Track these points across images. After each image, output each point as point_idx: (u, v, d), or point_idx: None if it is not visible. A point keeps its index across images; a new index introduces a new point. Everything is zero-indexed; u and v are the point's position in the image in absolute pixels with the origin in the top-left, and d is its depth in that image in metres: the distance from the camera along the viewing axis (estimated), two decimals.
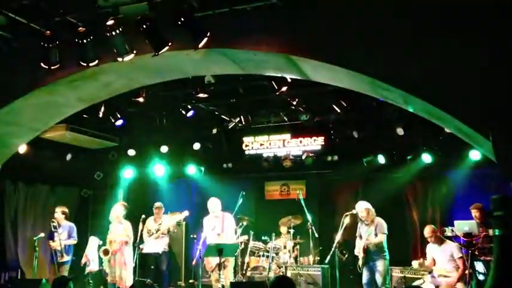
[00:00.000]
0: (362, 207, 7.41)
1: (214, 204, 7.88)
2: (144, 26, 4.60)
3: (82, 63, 4.99)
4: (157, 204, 9.02)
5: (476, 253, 6.84)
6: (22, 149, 8.12)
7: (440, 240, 7.11)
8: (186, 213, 8.65)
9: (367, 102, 7.97)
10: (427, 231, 7.18)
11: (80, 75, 5.42)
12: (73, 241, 8.30)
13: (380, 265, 7.14)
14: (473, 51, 4.18)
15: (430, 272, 7.06)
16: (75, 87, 5.72)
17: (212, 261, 7.55)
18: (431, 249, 7.20)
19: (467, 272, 6.63)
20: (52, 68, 5.06)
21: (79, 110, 6.48)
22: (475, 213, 7.20)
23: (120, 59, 4.85)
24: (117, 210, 8.16)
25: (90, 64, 4.99)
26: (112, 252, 7.79)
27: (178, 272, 10.20)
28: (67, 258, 8.18)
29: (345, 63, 4.57)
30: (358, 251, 7.36)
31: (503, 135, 3.91)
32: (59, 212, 8.35)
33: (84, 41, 4.84)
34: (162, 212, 8.95)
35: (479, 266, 6.61)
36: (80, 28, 4.88)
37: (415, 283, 7.12)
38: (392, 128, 8.81)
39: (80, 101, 6.17)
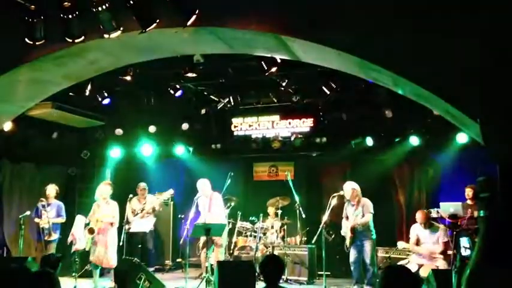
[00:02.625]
0: (349, 187, 7.49)
1: (203, 184, 7.91)
2: (131, 2, 4.50)
3: (68, 40, 4.88)
4: (142, 185, 9.03)
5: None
6: (7, 126, 8.02)
7: (430, 225, 7.20)
8: (171, 191, 8.63)
9: (357, 84, 7.97)
10: (421, 216, 7.23)
11: (66, 51, 5.30)
12: (61, 219, 8.27)
13: (367, 245, 7.25)
14: (463, 32, 4.16)
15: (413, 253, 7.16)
16: (61, 64, 5.60)
17: (204, 239, 7.62)
18: (417, 229, 7.28)
19: (451, 252, 6.74)
20: (37, 43, 4.95)
21: (65, 87, 6.37)
22: (468, 192, 7.29)
23: (106, 36, 4.75)
24: (104, 190, 8.03)
25: (76, 40, 4.88)
26: (97, 231, 7.74)
27: (166, 251, 10.24)
28: (55, 236, 8.17)
29: (335, 44, 4.53)
30: (345, 232, 7.45)
31: (491, 117, 3.92)
32: (53, 190, 8.29)
33: (70, 16, 4.72)
34: (146, 193, 8.95)
35: (464, 241, 6.72)
36: (66, 3, 4.76)
37: (400, 263, 7.23)
38: (381, 110, 8.85)
39: (66, 78, 6.05)
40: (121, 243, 7.91)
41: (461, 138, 8.26)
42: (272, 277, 3.83)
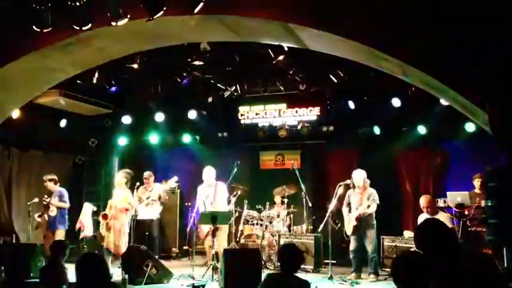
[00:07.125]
0: (360, 176, 7.47)
1: (208, 173, 7.91)
2: None
3: (75, 27, 4.88)
4: (146, 173, 9.05)
5: (468, 224, 6.94)
6: (15, 114, 8.05)
7: (434, 211, 7.19)
8: (175, 178, 8.63)
9: (364, 72, 7.91)
10: (424, 201, 7.22)
11: (74, 39, 5.31)
12: (63, 204, 8.28)
13: (370, 233, 7.28)
14: (470, 22, 4.12)
15: None
16: (69, 52, 5.61)
17: (204, 228, 7.65)
18: (423, 218, 7.28)
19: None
20: (44, 31, 4.95)
21: (73, 75, 6.39)
22: (476, 181, 7.26)
23: (114, 24, 4.74)
24: (120, 178, 8.15)
25: (84, 28, 4.88)
26: (110, 217, 7.82)
27: (173, 239, 10.30)
28: (63, 223, 8.21)
29: (343, 32, 4.51)
30: (349, 220, 7.45)
31: (500, 106, 3.89)
32: (47, 181, 8.35)
33: (77, 3, 4.72)
34: (152, 181, 8.97)
35: None
36: None
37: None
38: (388, 99, 8.80)
39: (73, 66, 6.08)
40: (128, 231, 7.98)
41: (470, 127, 8.20)
42: (290, 267, 3.82)
